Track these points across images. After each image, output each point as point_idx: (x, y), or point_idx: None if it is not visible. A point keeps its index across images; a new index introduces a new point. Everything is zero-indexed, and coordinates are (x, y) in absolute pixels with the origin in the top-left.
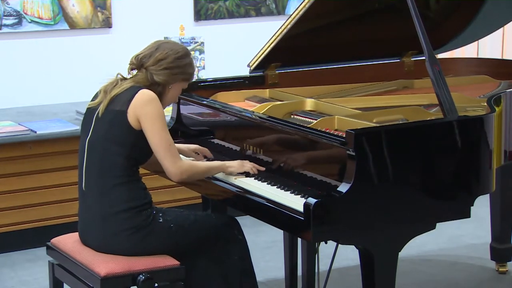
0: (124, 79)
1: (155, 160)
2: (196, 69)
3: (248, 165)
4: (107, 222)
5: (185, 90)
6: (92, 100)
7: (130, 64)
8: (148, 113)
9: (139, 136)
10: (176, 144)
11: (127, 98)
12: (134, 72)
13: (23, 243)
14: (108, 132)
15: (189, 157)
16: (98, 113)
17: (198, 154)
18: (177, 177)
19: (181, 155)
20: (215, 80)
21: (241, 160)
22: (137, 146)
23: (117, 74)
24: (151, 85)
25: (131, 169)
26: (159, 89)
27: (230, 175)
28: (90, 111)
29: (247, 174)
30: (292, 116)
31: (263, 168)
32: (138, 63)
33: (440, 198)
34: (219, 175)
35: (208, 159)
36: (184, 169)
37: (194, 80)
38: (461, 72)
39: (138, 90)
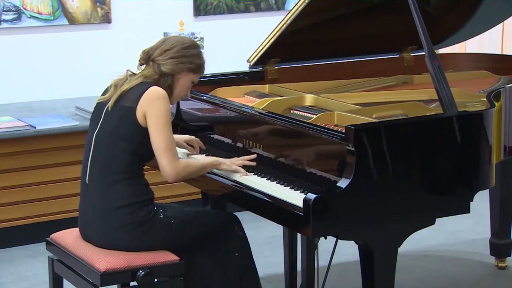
0: (134, 74)
1: None
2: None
3: (238, 163)
4: (108, 216)
5: None
6: (102, 95)
7: (139, 60)
8: (155, 109)
9: (146, 133)
10: None
11: (137, 94)
12: (143, 67)
13: (23, 238)
14: (116, 128)
15: (181, 147)
16: (108, 107)
17: (191, 146)
18: (172, 178)
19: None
20: (215, 75)
21: (231, 159)
22: (143, 144)
23: (127, 71)
24: (160, 78)
25: (136, 165)
26: (168, 81)
27: (232, 173)
28: (100, 106)
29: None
30: (291, 112)
31: (254, 163)
32: (146, 56)
33: (439, 194)
34: (219, 171)
35: (202, 151)
36: (179, 170)
37: None
38: (461, 68)
39: (148, 87)
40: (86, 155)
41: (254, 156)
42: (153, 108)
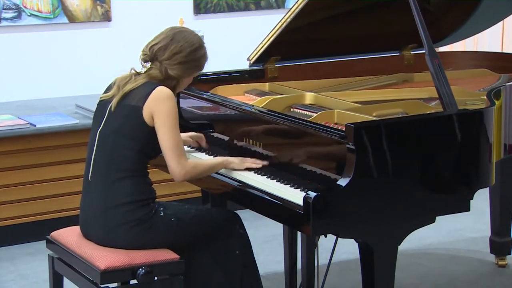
0: (138, 74)
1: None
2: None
3: (249, 161)
4: (109, 214)
5: None
6: (105, 92)
7: (143, 54)
8: (162, 110)
9: (152, 132)
10: None
11: (144, 94)
12: (147, 64)
13: (23, 236)
14: (121, 126)
15: (185, 144)
16: (111, 107)
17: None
18: (181, 178)
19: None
20: (215, 73)
21: (241, 157)
22: (149, 142)
23: (131, 69)
24: (165, 79)
25: (141, 163)
26: (174, 83)
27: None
28: (103, 103)
29: (248, 169)
30: (291, 110)
31: (266, 162)
32: (152, 55)
33: (439, 192)
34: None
35: (204, 149)
36: (188, 170)
37: None
38: (461, 66)
39: (155, 87)
40: (90, 152)
41: (266, 163)
42: (161, 109)
